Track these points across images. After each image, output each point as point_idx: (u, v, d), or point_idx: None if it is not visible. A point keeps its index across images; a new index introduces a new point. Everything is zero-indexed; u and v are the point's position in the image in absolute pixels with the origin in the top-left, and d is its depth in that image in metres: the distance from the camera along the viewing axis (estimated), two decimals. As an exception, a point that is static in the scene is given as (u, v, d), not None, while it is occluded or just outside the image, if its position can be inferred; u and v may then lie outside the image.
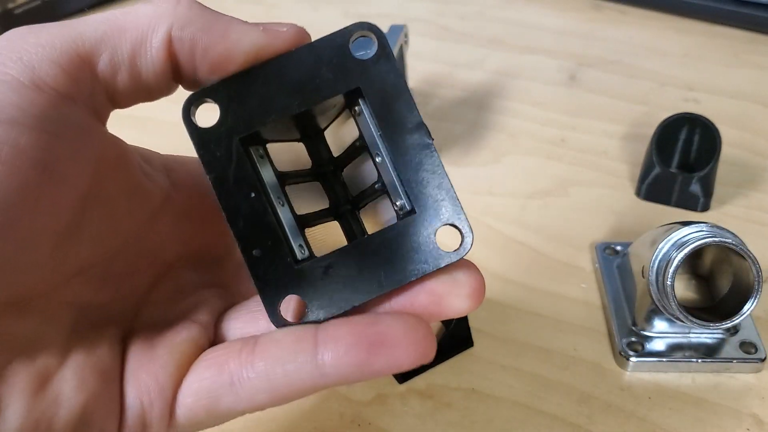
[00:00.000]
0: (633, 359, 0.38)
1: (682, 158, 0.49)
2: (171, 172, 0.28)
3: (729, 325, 0.36)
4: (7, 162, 0.20)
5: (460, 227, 0.23)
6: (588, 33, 0.69)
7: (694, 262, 0.43)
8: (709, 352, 0.39)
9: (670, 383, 0.38)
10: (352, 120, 0.25)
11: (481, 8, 0.73)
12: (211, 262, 0.29)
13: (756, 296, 0.36)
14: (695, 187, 0.48)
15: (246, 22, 0.23)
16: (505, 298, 0.43)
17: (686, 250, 0.36)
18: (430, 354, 0.22)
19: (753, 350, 0.39)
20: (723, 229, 0.37)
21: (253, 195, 0.23)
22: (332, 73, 0.23)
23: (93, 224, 0.24)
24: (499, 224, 0.48)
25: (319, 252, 0.24)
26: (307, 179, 0.27)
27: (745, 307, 0.36)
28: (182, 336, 0.25)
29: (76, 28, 0.22)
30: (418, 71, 0.62)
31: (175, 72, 0.23)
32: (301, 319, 0.23)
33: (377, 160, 0.24)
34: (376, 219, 0.27)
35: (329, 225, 0.27)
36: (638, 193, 0.51)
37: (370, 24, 0.23)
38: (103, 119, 0.24)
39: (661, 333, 0.39)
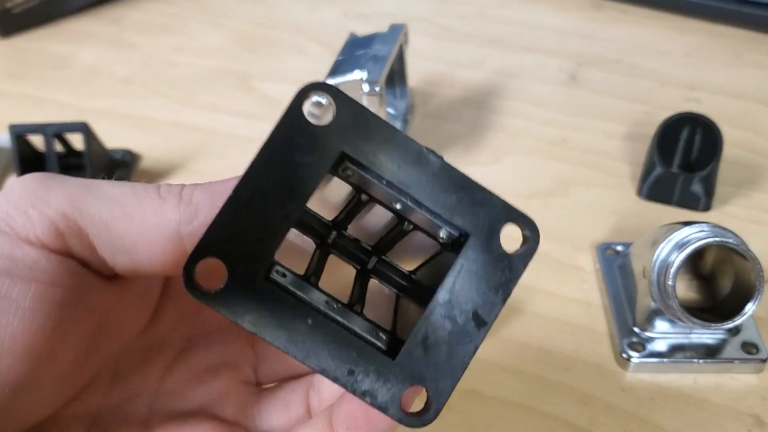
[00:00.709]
0: (634, 360, 0.38)
1: (683, 158, 0.49)
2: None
3: (730, 325, 0.36)
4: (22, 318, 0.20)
5: (521, 224, 0.21)
6: (589, 32, 0.69)
7: (695, 262, 0.43)
8: (710, 352, 0.39)
9: (672, 384, 0.38)
10: (334, 179, 0.23)
11: (482, 8, 0.73)
12: (225, 336, 0.27)
13: (757, 297, 0.36)
14: (696, 187, 0.48)
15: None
16: (505, 299, 0.43)
17: (687, 251, 0.36)
18: None
19: (754, 350, 0.38)
20: (724, 229, 0.37)
21: (310, 322, 0.21)
22: (308, 155, 0.20)
23: (101, 346, 0.24)
24: (500, 224, 0.48)
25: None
26: (322, 261, 0.25)
27: (747, 308, 0.36)
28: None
29: (86, 203, 0.21)
30: (418, 71, 0.62)
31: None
32: (430, 406, 0.21)
33: (397, 207, 0.22)
34: (406, 253, 0.25)
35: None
36: (639, 193, 0.50)
37: (312, 85, 0.20)
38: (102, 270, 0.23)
39: (663, 333, 0.39)
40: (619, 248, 0.45)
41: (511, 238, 0.22)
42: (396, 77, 0.55)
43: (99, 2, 0.73)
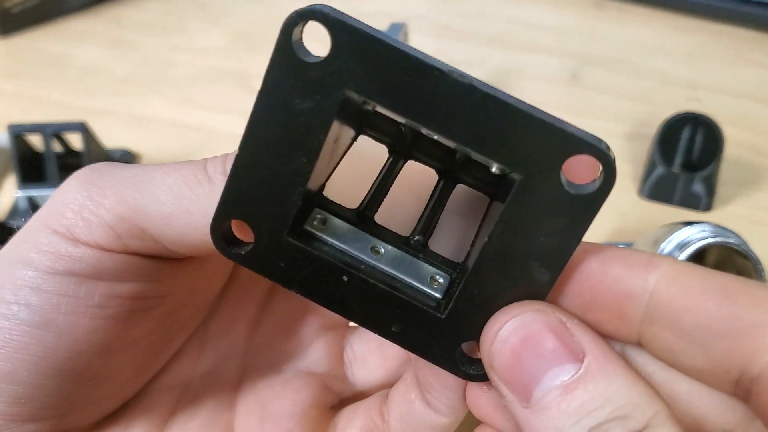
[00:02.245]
0: (635, 361, 0.38)
1: (684, 158, 0.49)
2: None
3: (732, 326, 0.36)
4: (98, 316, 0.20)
5: (590, 153, 0.17)
6: (590, 31, 0.69)
7: (696, 262, 0.42)
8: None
9: (673, 385, 0.38)
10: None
11: (482, 6, 0.73)
12: None
13: (760, 297, 0.35)
14: (698, 187, 0.48)
15: None
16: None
17: (689, 251, 0.36)
18: None
19: (756, 352, 0.38)
20: (726, 229, 0.36)
21: (345, 279, 0.19)
22: (308, 100, 0.18)
23: (182, 322, 0.24)
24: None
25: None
26: (387, 179, 0.23)
27: (749, 309, 0.36)
28: (303, 398, 0.25)
29: (142, 203, 0.20)
30: (418, 70, 0.62)
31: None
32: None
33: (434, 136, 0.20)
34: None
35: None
36: (640, 193, 0.50)
37: (299, 13, 0.17)
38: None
39: (664, 334, 0.39)
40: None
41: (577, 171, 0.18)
42: (396, 76, 0.55)
43: (98, 1, 0.73)
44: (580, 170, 0.17)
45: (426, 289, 0.20)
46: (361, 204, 0.22)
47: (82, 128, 0.49)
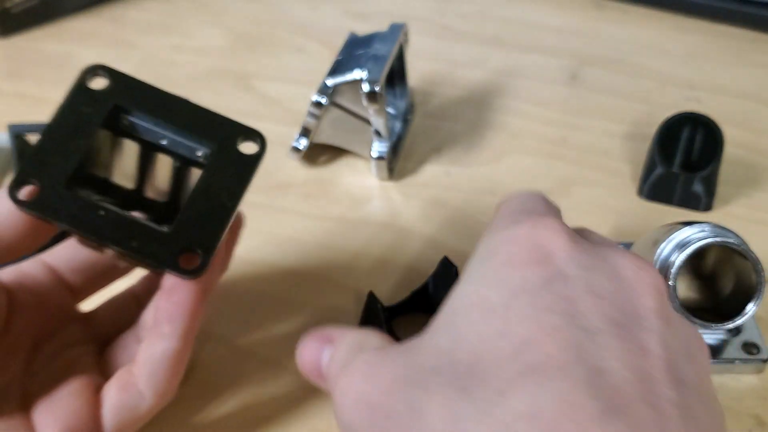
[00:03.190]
0: (635, 360, 0.38)
1: (684, 158, 0.49)
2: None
3: (731, 325, 0.36)
4: None
5: (250, 136, 0.32)
6: (589, 32, 0.69)
7: (696, 262, 0.43)
8: (711, 352, 0.39)
9: (672, 385, 0.38)
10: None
11: (482, 7, 0.73)
12: (66, 325, 0.35)
13: (758, 297, 0.36)
14: (697, 187, 0.48)
15: None
16: (505, 299, 0.43)
17: (688, 251, 0.36)
18: None
19: (755, 351, 0.38)
20: (725, 229, 0.37)
21: (102, 213, 0.29)
22: (90, 107, 0.31)
23: None
24: (500, 224, 0.48)
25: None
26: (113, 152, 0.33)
27: (748, 308, 0.36)
28: (79, 384, 0.31)
29: None
30: (418, 70, 0.62)
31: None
32: (200, 262, 0.30)
33: (163, 143, 0.32)
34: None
35: None
36: (640, 193, 0.50)
37: (91, 69, 0.31)
38: None
39: (663, 334, 0.39)
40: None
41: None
42: (396, 77, 0.55)
43: (98, 2, 0.73)
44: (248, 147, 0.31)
45: (147, 219, 0.30)
46: (100, 169, 0.32)
47: (83, 128, 0.49)
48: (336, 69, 0.49)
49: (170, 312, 0.30)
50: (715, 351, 0.39)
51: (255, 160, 0.31)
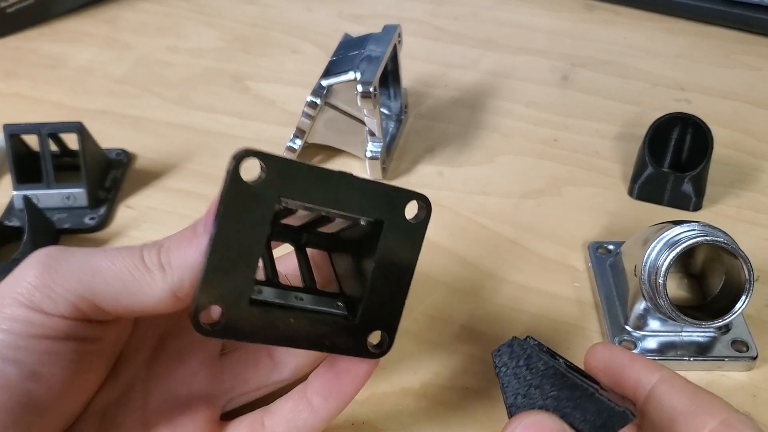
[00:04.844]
0: (625, 357, 0.39)
1: (674, 158, 0.49)
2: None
3: (721, 323, 0.37)
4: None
5: (416, 199, 0.29)
6: (581, 33, 0.69)
7: (685, 261, 0.43)
8: (701, 350, 0.39)
9: (662, 381, 0.38)
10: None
11: (475, 9, 0.74)
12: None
13: (747, 295, 0.36)
14: (687, 187, 0.48)
15: None
16: (498, 297, 0.43)
17: (678, 249, 0.36)
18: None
19: (744, 348, 0.39)
20: (715, 228, 0.37)
21: (292, 321, 0.28)
22: (252, 213, 0.26)
23: (103, 362, 0.32)
24: (493, 223, 0.49)
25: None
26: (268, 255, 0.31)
27: (737, 306, 0.36)
28: (199, 416, 0.33)
29: (98, 288, 0.27)
30: (411, 71, 0.63)
31: None
32: (386, 341, 0.30)
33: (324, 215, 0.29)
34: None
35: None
36: (631, 193, 0.51)
37: (244, 152, 0.25)
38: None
39: (654, 332, 0.40)
40: (611, 247, 0.45)
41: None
42: (390, 78, 0.56)
43: (93, 2, 0.73)
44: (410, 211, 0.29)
45: (337, 311, 0.30)
46: (265, 272, 0.30)
47: (79, 128, 0.49)
48: (330, 70, 0.50)
49: (332, 390, 0.31)
50: (705, 349, 0.39)
51: (423, 225, 0.29)
